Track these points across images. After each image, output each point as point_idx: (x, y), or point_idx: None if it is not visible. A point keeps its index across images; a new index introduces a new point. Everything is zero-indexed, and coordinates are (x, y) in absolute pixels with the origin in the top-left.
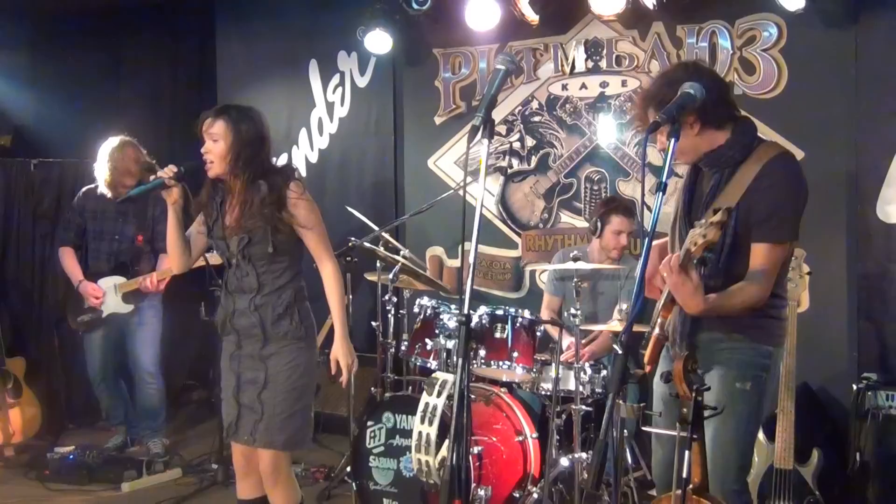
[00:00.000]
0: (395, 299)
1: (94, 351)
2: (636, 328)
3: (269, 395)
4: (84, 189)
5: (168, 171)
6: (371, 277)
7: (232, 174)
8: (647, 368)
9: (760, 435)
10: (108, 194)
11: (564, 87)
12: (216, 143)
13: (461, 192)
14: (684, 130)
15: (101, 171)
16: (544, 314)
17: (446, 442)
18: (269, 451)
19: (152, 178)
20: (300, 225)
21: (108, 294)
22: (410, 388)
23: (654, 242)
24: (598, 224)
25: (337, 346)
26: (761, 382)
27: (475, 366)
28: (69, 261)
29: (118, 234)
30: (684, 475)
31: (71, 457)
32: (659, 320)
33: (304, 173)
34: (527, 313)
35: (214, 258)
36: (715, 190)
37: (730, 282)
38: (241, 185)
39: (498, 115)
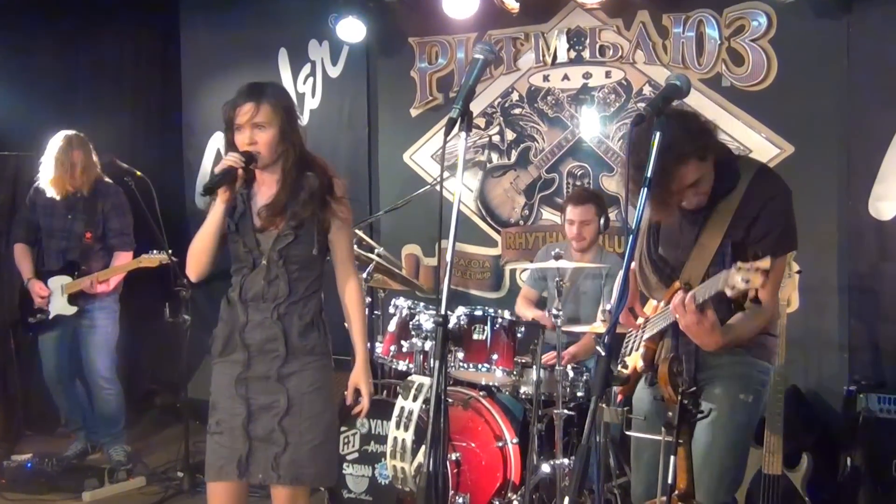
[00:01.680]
0: (369, 299)
1: (48, 353)
2: (620, 329)
3: (293, 422)
4: (36, 184)
5: (237, 159)
6: None
7: (281, 163)
8: (620, 397)
9: None
10: (54, 195)
11: (546, 79)
12: (263, 130)
13: (438, 188)
14: (704, 170)
15: (47, 168)
16: (520, 303)
17: (423, 448)
18: (288, 489)
19: (218, 168)
20: (341, 223)
21: (55, 294)
22: (385, 391)
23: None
24: (562, 217)
25: (359, 371)
26: (760, 396)
27: (453, 369)
28: (19, 258)
29: (66, 231)
30: (669, 481)
31: (29, 465)
32: (642, 351)
33: None
34: (507, 314)
35: (149, 260)
36: (702, 223)
37: (733, 311)
38: (290, 175)
39: (476, 107)
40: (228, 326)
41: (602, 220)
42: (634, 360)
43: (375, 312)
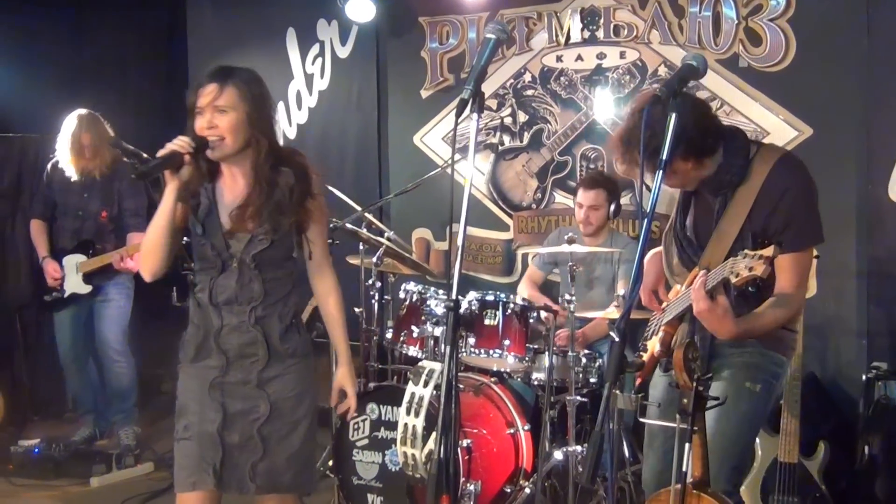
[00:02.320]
0: (379, 284)
1: (64, 331)
2: (634, 315)
3: (272, 429)
4: (53, 160)
5: (184, 143)
6: (353, 261)
7: (249, 155)
8: (639, 380)
9: (764, 427)
10: (73, 175)
11: (559, 59)
12: (225, 114)
13: (449, 171)
14: (677, 167)
15: (63, 149)
16: (524, 284)
17: (433, 434)
18: (274, 498)
19: (162, 152)
20: (317, 222)
21: (69, 273)
22: (395, 377)
23: (650, 252)
24: (574, 199)
25: (344, 371)
26: (770, 388)
27: (464, 354)
28: (36, 234)
29: (82, 209)
30: (684, 469)
31: (36, 450)
32: (661, 335)
33: None
34: (519, 299)
35: None
36: (721, 209)
37: (760, 303)
38: (260, 170)
39: (488, 88)
40: (202, 331)
41: (612, 206)
42: (653, 344)
43: (385, 297)
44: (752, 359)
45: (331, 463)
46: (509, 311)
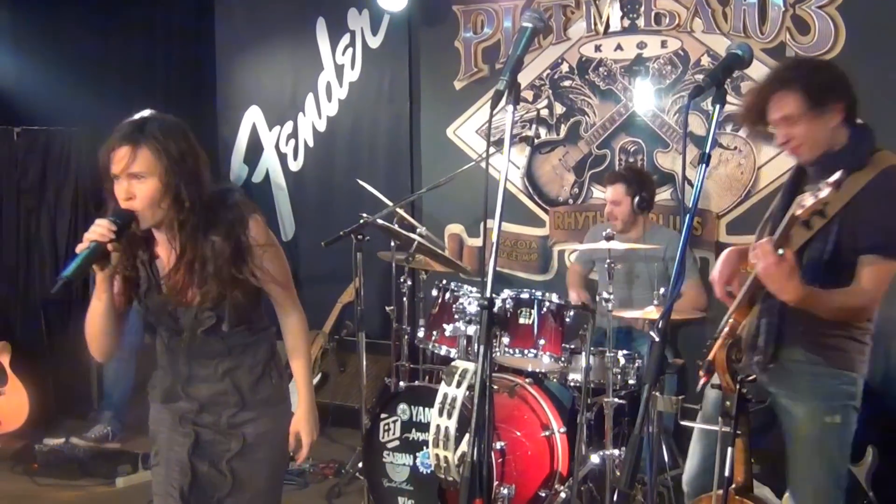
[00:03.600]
0: (410, 282)
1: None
2: (675, 315)
3: (242, 465)
4: None
5: (104, 230)
6: (384, 257)
7: (174, 223)
8: (705, 378)
9: None
10: None
11: (598, 49)
12: (142, 181)
13: (483, 165)
14: (826, 116)
15: None
16: (573, 287)
17: (466, 436)
18: None
19: (80, 246)
20: (266, 269)
21: None
22: (427, 377)
23: (735, 249)
24: None
25: (301, 416)
26: (848, 412)
27: (498, 354)
28: None
29: None
30: (726, 474)
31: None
32: (731, 322)
33: (311, 143)
34: (554, 297)
35: None
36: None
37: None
38: (188, 242)
39: (524, 78)
40: (169, 377)
41: (636, 199)
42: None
43: (417, 295)
44: (823, 383)
45: (360, 465)
46: (544, 309)
